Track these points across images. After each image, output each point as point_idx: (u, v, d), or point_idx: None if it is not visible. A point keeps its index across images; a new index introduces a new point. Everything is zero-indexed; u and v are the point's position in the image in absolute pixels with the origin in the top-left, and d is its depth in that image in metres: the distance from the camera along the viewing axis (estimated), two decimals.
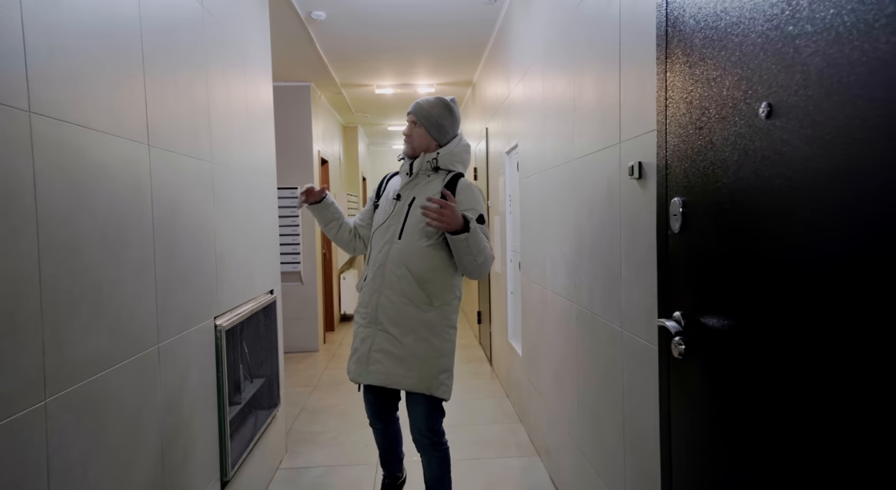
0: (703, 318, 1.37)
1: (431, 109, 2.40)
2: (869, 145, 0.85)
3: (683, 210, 1.45)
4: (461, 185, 2.35)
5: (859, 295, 0.88)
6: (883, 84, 0.82)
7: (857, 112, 0.87)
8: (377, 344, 2.32)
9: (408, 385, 2.29)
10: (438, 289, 2.31)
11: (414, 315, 2.29)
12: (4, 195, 1.14)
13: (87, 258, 1.42)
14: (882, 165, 0.83)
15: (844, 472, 0.91)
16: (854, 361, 0.89)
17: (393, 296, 2.30)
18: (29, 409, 1.20)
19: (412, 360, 2.28)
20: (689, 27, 1.39)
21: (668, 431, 1.58)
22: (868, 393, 0.86)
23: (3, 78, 1.14)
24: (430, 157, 2.39)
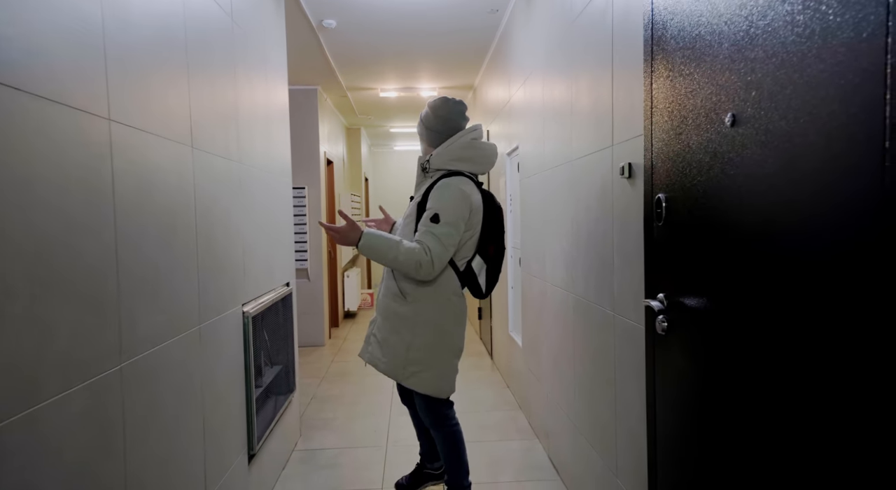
0: (682, 298, 1.59)
1: (424, 116, 2.61)
2: (806, 150, 1.07)
3: (666, 204, 1.67)
4: (436, 186, 2.44)
5: (803, 275, 1.10)
6: (816, 102, 1.04)
7: (798, 123, 1.09)
8: (373, 327, 2.60)
9: (382, 369, 2.52)
10: (409, 286, 2.46)
11: (391, 307, 2.50)
12: (92, 192, 1.35)
13: (148, 248, 1.63)
14: (815, 169, 1.05)
15: (794, 421, 1.13)
16: (802, 332, 1.11)
17: (384, 288, 2.57)
18: (110, 371, 1.41)
19: (386, 347, 2.50)
20: (671, 46, 1.61)
21: (653, 398, 1.80)
22: (812, 356, 1.08)
23: (91, 91, 1.36)
24: (423, 160, 2.58)
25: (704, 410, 1.48)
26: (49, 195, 1.20)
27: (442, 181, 2.46)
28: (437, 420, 2.57)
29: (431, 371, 2.47)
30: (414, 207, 2.53)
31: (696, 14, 1.46)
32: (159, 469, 1.68)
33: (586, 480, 2.60)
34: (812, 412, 1.07)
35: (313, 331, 6.42)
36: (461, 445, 2.62)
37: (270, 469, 2.96)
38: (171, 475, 1.77)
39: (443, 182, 2.45)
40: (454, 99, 2.62)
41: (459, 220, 2.39)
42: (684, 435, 1.61)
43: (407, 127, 9.39)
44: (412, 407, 2.82)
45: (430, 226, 2.35)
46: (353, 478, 3.13)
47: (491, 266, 2.60)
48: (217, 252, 2.20)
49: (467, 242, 2.48)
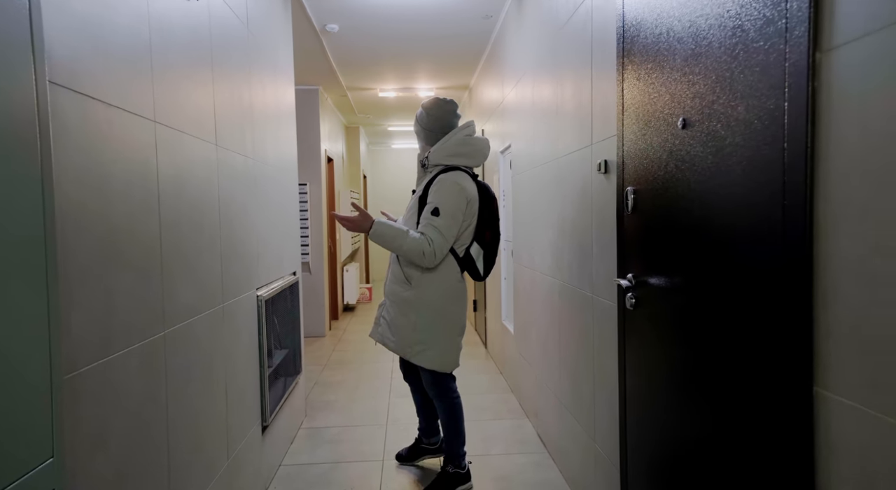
0: (647, 277, 1.85)
1: (420, 117, 2.87)
2: (734, 149, 1.32)
3: (633, 196, 1.92)
4: (435, 181, 2.70)
5: (730, 253, 1.35)
6: (740, 111, 1.29)
7: (728, 128, 1.34)
8: (382, 310, 2.88)
9: (391, 348, 2.81)
10: (414, 272, 2.72)
11: (398, 291, 2.77)
12: (143, 183, 1.60)
13: (183, 232, 1.88)
14: (739, 164, 1.30)
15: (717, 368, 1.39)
16: (729, 303, 1.36)
17: (391, 274, 2.84)
18: (157, 336, 1.66)
19: (394, 328, 2.78)
20: (638, 58, 1.86)
21: (623, 366, 2.05)
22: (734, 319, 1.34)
23: (142, 97, 1.60)
24: (423, 156, 2.84)
25: (660, 371, 1.73)
26: (116, 186, 1.44)
27: (440, 177, 2.70)
28: (441, 392, 2.83)
29: (436, 348, 2.74)
30: (416, 201, 2.79)
31: (657, 31, 1.71)
32: (193, 421, 1.93)
33: (569, 449, 2.85)
34: (735, 373, 1.32)
35: (315, 322, 6.66)
36: (460, 416, 2.88)
37: (280, 442, 3.21)
38: (202, 429, 2.02)
39: (441, 177, 2.69)
40: (446, 99, 2.87)
41: (458, 212, 2.66)
42: (646, 394, 1.87)
43: (404, 125, 9.63)
44: (414, 383, 3.07)
45: (431, 219, 2.62)
46: (355, 451, 3.37)
47: (488, 251, 2.86)
48: (235, 240, 2.44)
49: (465, 231, 2.74)
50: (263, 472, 2.84)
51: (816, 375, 1.08)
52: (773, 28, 1.17)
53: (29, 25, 1.09)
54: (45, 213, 1.11)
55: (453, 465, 2.87)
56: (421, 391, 3.12)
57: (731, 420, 1.36)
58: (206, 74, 2.13)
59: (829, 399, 1.05)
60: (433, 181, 2.71)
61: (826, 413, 1.06)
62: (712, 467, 1.45)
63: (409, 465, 3.18)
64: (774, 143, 1.17)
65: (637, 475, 1.97)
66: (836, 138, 1.02)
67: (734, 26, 1.31)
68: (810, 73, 1.07)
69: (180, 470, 1.83)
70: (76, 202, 1.28)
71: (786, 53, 1.13)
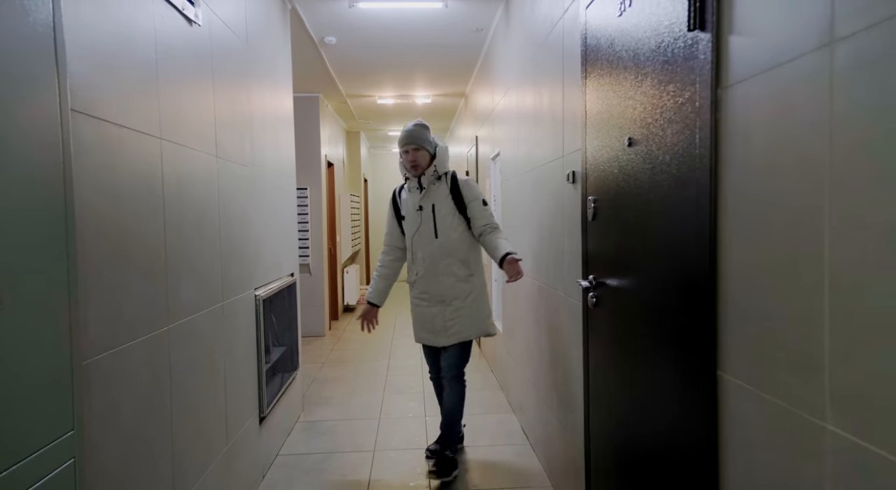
0: (605, 279, 2.04)
1: (420, 133, 3.10)
2: (663, 167, 1.52)
3: (594, 205, 2.12)
4: (461, 183, 3.12)
5: (659, 257, 1.54)
6: (668, 134, 1.49)
7: (660, 149, 1.54)
8: (448, 315, 3.11)
9: (473, 335, 3.12)
10: (473, 261, 3.15)
11: (463, 288, 3.11)
12: (150, 192, 1.80)
13: (186, 234, 2.08)
14: (666, 181, 1.49)
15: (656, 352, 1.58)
16: (660, 302, 1.56)
17: (448, 279, 3.10)
18: (162, 330, 1.86)
19: (473, 317, 3.11)
20: (595, 81, 2.06)
21: (587, 359, 2.25)
22: (663, 316, 1.53)
23: (149, 117, 1.81)
24: (432, 170, 3.10)
25: (613, 364, 1.93)
26: (126, 196, 1.64)
27: (463, 178, 3.16)
28: (462, 373, 3.19)
29: (490, 316, 3.24)
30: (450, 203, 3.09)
31: (610, 58, 1.90)
32: (194, 408, 2.13)
33: (547, 440, 3.05)
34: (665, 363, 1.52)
35: (314, 322, 6.86)
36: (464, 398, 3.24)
37: (277, 433, 3.41)
38: (203, 416, 2.22)
39: (465, 179, 3.17)
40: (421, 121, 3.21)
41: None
42: (603, 386, 2.06)
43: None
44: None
45: (485, 209, 3.11)
46: (350, 442, 3.57)
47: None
48: (235, 243, 2.64)
49: None
50: (261, 459, 3.04)
51: (721, 360, 1.27)
52: (688, 65, 1.36)
53: (55, 64, 1.29)
54: (66, 221, 1.31)
55: (451, 451, 3.13)
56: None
57: (662, 402, 1.56)
58: (208, 91, 2.33)
59: (726, 380, 1.25)
60: (457, 186, 3.11)
61: (725, 392, 1.25)
62: (650, 444, 1.65)
63: (399, 458, 3.37)
64: (691, 164, 1.36)
65: (597, 458, 2.17)
66: (731, 162, 1.22)
67: (664, 61, 1.50)
68: (713, 107, 1.26)
69: (183, 450, 2.03)
70: (93, 211, 1.48)
71: (696, 88, 1.33)
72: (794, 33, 1.02)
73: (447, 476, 3.03)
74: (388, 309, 8.85)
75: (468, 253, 3.11)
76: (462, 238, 3.10)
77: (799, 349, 1.02)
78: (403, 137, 3.11)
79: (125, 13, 1.68)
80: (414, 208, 3.15)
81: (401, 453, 3.40)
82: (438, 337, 3.14)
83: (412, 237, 3.17)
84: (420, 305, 3.21)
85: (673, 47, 1.44)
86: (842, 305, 0.92)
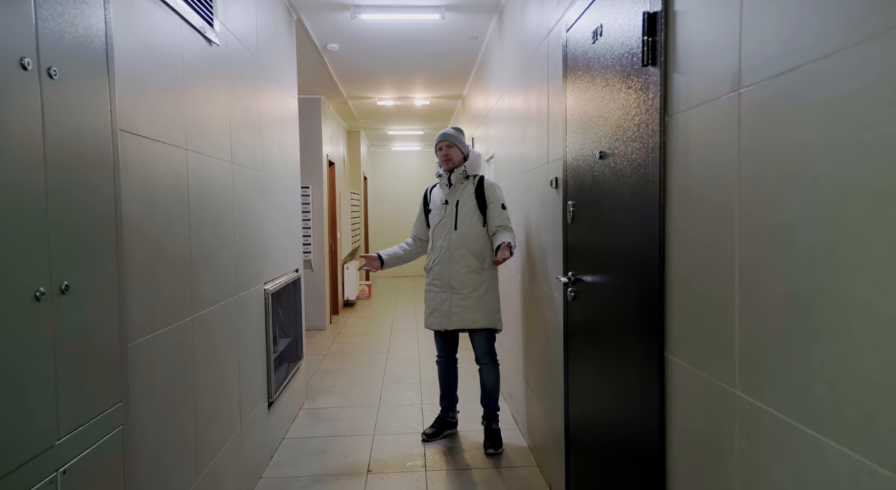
0: (582, 275, 2.28)
1: (455, 134, 3.48)
2: (627, 179, 1.76)
3: (573, 209, 2.36)
4: (486, 185, 3.45)
5: (622, 254, 1.79)
6: (631, 150, 1.73)
7: (624, 162, 1.78)
8: (454, 302, 3.41)
9: (479, 325, 3.40)
10: (487, 258, 3.42)
11: (475, 279, 3.39)
12: (178, 198, 2.04)
13: (206, 235, 2.32)
14: (629, 191, 1.74)
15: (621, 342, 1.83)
16: (623, 296, 1.80)
17: (460, 268, 3.40)
18: (187, 319, 2.11)
19: (479, 308, 3.38)
20: (573, 96, 2.30)
21: (566, 349, 2.49)
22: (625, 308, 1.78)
23: (177, 131, 2.05)
24: (462, 170, 3.44)
25: (586, 353, 2.17)
26: (160, 201, 1.89)
27: (489, 182, 3.47)
28: (494, 355, 3.51)
29: (501, 311, 3.51)
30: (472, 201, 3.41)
31: (586, 74, 2.14)
32: (214, 389, 2.38)
33: (533, 424, 3.30)
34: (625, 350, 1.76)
35: (316, 316, 7.11)
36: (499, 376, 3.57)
37: (284, 417, 3.66)
38: (220, 397, 2.47)
39: (490, 183, 3.47)
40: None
41: None
42: (580, 375, 2.31)
43: (403, 129, 10.07)
44: (452, 360, 3.67)
45: (503, 212, 3.39)
46: (350, 427, 3.82)
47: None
48: (247, 242, 2.88)
49: None
50: (269, 441, 3.29)
51: (667, 344, 1.52)
52: (645, 94, 1.61)
53: (108, 86, 1.53)
54: (116, 227, 1.55)
55: (496, 423, 3.52)
56: (454, 369, 3.68)
57: (625, 383, 1.80)
58: (224, 103, 2.57)
59: (671, 360, 1.49)
60: (482, 188, 3.42)
61: (670, 370, 1.50)
62: (617, 419, 1.90)
63: (398, 440, 3.62)
64: (646, 177, 1.61)
65: (575, 436, 2.42)
66: (674, 178, 1.46)
67: (627, 87, 1.74)
68: (661, 130, 1.50)
69: (205, 425, 2.27)
70: (135, 218, 1.72)
71: (650, 114, 1.57)
72: (716, 77, 1.26)
73: (499, 448, 3.43)
74: (387, 303, 9.10)
75: (482, 248, 3.39)
76: (478, 234, 3.39)
77: (718, 330, 1.26)
78: (440, 136, 3.48)
79: (158, 38, 1.92)
80: (441, 202, 3.50)
81: (399, 437, 3.65)
82: (444, 320, 3.44)
83: (435, 227, 3.53)
84: (432, 290, 3.50)
85: (633, 76, 1.68)
86: (747, 294, 1.16)
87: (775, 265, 1.07)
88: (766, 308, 1.10)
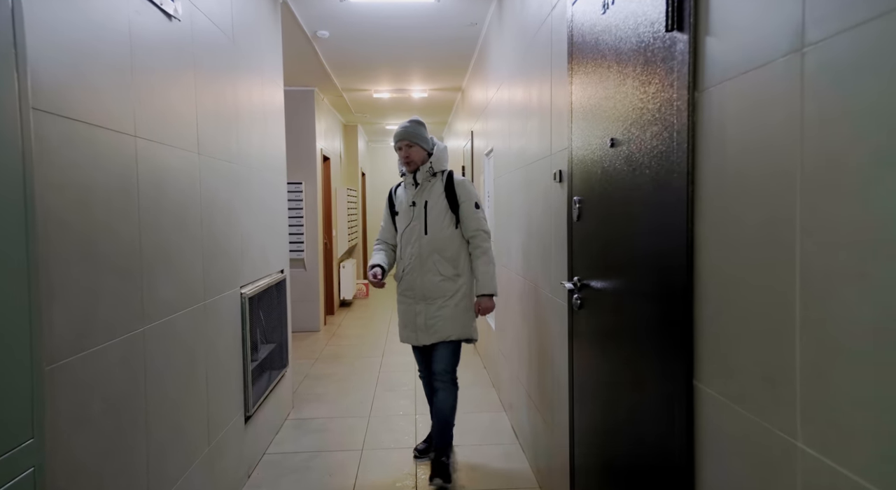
0: (589, 281, 2.01)
1: (415, 130, 3.09)
2: (643, 169, 1.48)
3: (579, 205, 2.08)
4: (457, 183, 3.09)
5: (639, 261, 1.51)
6: (648, 136, 1.45)
7: (640, 151, 1.50)
8: (430, 313, 3.05)
9: (454, 336, 3.04)
10: (462, 261, 3.08)
11: (449, 287, 3.05)
12: (124, 191, 1.77)
13: (164, 232, 2.05)
14: (646, 182, 1.46)
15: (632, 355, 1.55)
16: (640, 307, 1.52)
17: (433, 276, 3.05)
18: (137, 331, 1.84)
19: (455, 318, 3.03)
20: (580, 79, 2.02)
21: (571, 363, 2.22)
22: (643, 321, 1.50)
23: (123, 115, 1.77)
24: (427, 167, 3.08)
25: (596, 368, 1.90)
26: (97, 194, 1.61)
27: (459, 178, 3.12)
28: (454, 378, 3.12)
29: (474, 320, 3.14)
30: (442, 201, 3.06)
31: (594, 55, 1.86)
32: (173, 409, 2.11)
33: (535, 440, 3.02)
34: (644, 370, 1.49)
35: (309, 317, 6.84)
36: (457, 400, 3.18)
37: (265, 431, 3.39)
38: (182, 417, 2.19)
39: (460, 179, 3.12)
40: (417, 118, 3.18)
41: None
42: (588, 392, 2.03)
43: None
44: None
45: (477, 212, 3.07)
46: (338, 441, 3.55)
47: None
48: (218, 238, 2.61)
49: None
50: (247, 458, 3.02)
51: (696, 369, 1.24)
52: (667, 66, 1.33)
53: (14, 59, 1.25)
54: (27, 223, 1.28)
55: (446, 456, 3.08)
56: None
57: (641, 408, 1.53)
58: (189, 88, 2.30)
59: (701, 391, 1.22)
60: (451, 185, 3.08)
61: (701, 403, 1.22)
62: (631, 449, 1.62)
63: (387, 457, 3.35)
64: (669, 167, 1.33)
65: (581, 461, 2.14)
66: (707, 167, 1.18)
67: (644, 61, 1.46)
68: (690, 110, 1.22)
69: (161, 449, 2.00)
70: (58, 212, 1.45)
71: (674, 90, 1.29)
72: (767, 37, 0.98)
73: (448, 481, 2.97)
74: (384, 303, 8.82)
75: (456, 252, 3.07)
76: (451, 237, 3.05)
77: (769, 358, 0.99)
78: (397, 134, 3.11)
79: (96, 8, 1.65)
80: (407, 204, 3.14)
81: (389, 453, 3.38)
82: (420, 335, 3.09)
83: (402, 232, 3.15)
84: (404, 302, 3.16)
85: (653, 47, 1.40)
86: (814, 313, 0.88)
87: (860, 275, 0.79)
88: (844, 335, 0.82)
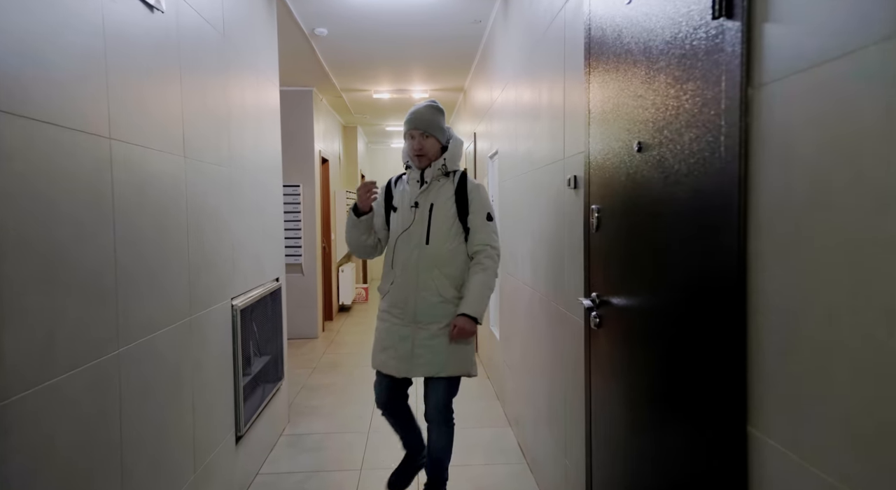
0: (609, 297, 1.83)
1: (433, 118, 2.55)
2: (679, 176, 1.30)
3: (598, 215, 1.90)
4: (470, 187, 2.58)
5: (673, 280, 1.33)
6: (685, 142, 1.27)
7: (674, 157, 1.32)
8: (419, 340, 2.52)
9: (450, 371, 2.53)
10: (466, 281, 2.55)
11: (450, 311, 2.52)
12: (95, 200, 1.59)
13: (143, 246, 1.87)
14: (680, 189, 1.28)
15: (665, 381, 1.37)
16: (674, 331, 1.35)
17: (429, 296, 2.51)
18: (111, 354, 1.65)
19: (453, 350, 2.51)
20: (600, 77, 1.84)
21: (589, 384, 2.04)
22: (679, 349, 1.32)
23: (94, 115, 1.59)
24: (440, 163, 2.55)
25: (618, 395, 1.72)
26: (63, 205, 1.43)
27: (474, 183, 2.61)
28: (451, 412, 2.64)
29: (474, 353, 2.66)
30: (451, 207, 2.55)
31: (617, 51, 1.68)
32: (153, 435, 1.93)
33: (544, 462, 2.84)
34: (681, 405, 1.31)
35: (306, 324, 6.66)
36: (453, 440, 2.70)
37: (258, 450, 3.21)
38: (164, 442, 2.01)
39: (475, 184, 2.61)
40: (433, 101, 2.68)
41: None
42: (608, 416, 1.85)
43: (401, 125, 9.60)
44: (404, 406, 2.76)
45: (488, 225, 2.58)
46: (335, 460, 3.37)
47: None
48: (206, 248, 2.43)
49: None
50: (237, 481, 2.83)
51: (750, 413, 1.06)
52: (712, 60, 1.15)
53: None
54: None
55: None
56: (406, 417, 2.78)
57: (676, 453, 1.35)
58: (174, 86, 2.12)
59: (757, 439, 1.04)
60: (464, 189, 2.58)
61: (757, 455, 1.04)
62: None
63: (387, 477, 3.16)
64: (714, 175, 1.15)
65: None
66: (766, 176, 1.01)
67: (681, 54, 1.29)
68: (743, 110, 1.05)
69: (138, 481, 1.82)
70: (16, 225, 1.27)
71: (722, 87, 1.11)
72: (848, 22, 0.80)
73: None
74: None
75: (461, 271, 2.56)
76: (456, 251, 2.55)
77: (853, 412, 0.81)
78: (411, 119, 2.57)
79: None
80: (409, 204, 2.60)
81: (389, 473, 3.19)
82: (401, 365, 2.54)
83: (397, 237, 2.59)
84: (388, 320, 2.60)
85: (693, 38, 1.23)
86: None
87: None
88: None
